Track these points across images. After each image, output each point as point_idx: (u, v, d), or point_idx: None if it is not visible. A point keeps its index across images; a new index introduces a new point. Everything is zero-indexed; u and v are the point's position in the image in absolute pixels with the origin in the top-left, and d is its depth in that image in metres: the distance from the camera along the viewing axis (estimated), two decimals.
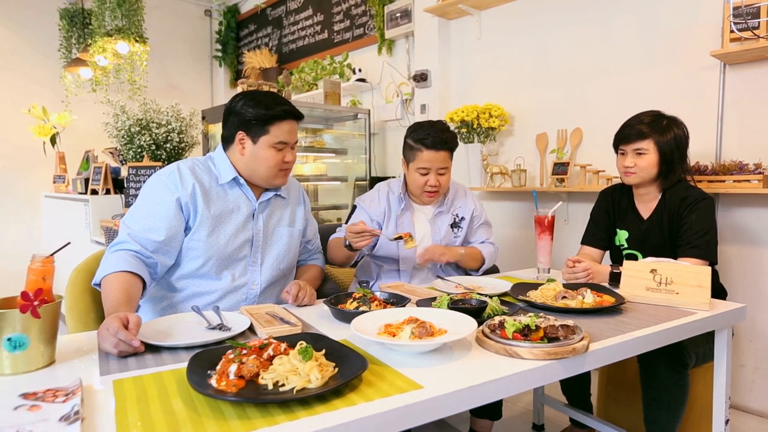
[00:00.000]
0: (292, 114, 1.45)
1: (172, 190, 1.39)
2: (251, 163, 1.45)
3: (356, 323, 1.07)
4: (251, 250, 1.50)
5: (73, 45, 4.19)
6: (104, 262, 1.31)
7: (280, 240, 1.55)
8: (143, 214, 1.38)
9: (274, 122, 1.41)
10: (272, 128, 1.42)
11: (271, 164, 1.44)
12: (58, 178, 4.03)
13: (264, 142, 1.43)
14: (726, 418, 1.43)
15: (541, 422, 2.07)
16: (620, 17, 2.56)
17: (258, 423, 0.74)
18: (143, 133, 2.55)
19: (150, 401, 0.81)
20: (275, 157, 1.44)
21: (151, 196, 1.40)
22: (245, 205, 1.49)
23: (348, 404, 0.79)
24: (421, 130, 1.79)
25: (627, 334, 1.15)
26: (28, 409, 0.77)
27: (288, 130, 1.44)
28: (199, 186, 1.42)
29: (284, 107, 1.43)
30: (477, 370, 0.94)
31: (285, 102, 1.45)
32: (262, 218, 1.52)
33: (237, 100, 1.45)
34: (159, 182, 1.41)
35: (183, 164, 1.45)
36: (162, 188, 1.40)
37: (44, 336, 0.95)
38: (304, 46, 4.76)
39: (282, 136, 1.43)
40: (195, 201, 1.41)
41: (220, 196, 1.46)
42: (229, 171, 1.47)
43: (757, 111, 2.14)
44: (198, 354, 0.94)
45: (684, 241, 1.64)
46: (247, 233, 1.48)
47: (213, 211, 1.43)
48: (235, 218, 1.46)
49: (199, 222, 1.40)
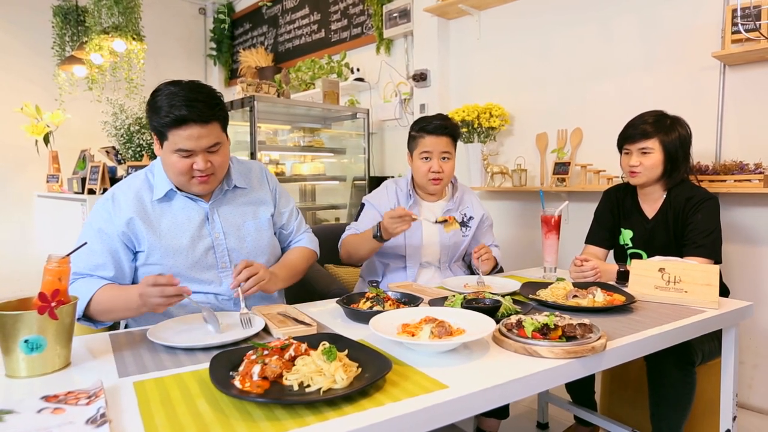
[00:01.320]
0: (188, 119, 1.23)
1: (107, 221, 1.31)
2: (165, 167, 1.33)
3: (374, 323, 1.07)
4: (216, 256, 1.39)
5: (66, 42, 4.13)
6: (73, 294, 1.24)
7: (247, 237, 1.44)
8: (85, 252, 1.24)
9: (170, 129, 1.25)
10: (170, 134, 1.25)
11: (177, 171, 1.30)
12: (52, 178, 3.98)
13: (167, 147, 1.28)
14: (733, 415, 1.45)
15: (545, 420, 2.08)
16: (620, 17, 2.59)
17: (288, 424, 0.73)
18: (143, 132, 2.52)
19: (174, 403, 0.80)
20: (180, 164, 1.28)
21: (89, 230, 1.32)
22: (195, 212, 1.38)
23: (376, 404, 0.79)
24: (422, 120, 1.87)
25: (642, 333, 1.16)
26: (52, 411, 0.76)
27: (188, 135, 1.24)
28: (137, 212, 1.32)
29: (179, 113, 1.22)
30: (499, 369, 0.94)
31: (188, 103, 1.23)
32: (219, 220, 1.40)
33: (153, 93, 1.29)
34: (95, 215, 1.33)
35: (119, 190, 1.36)
36: (99, 220, 1.32)
37: (61, 338, 0.94)
38: (300, 45, 4.74)
39: (181, 143, 1.25)
40: (135, 230, 1.32)
41: (165, 212, 1.35)
42: (163, 184, 1.36)
43: (757, 111, 2.17)
44: (218, 355, 0.93)
45: (690, 241, 1.66)
46: (204, 241, 1.37)
47: (161, 229, 1.34)
48: (187, 229, 1.35)
49: (149, 248, 1.32)
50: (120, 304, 1.22)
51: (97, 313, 1.25)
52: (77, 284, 1.27)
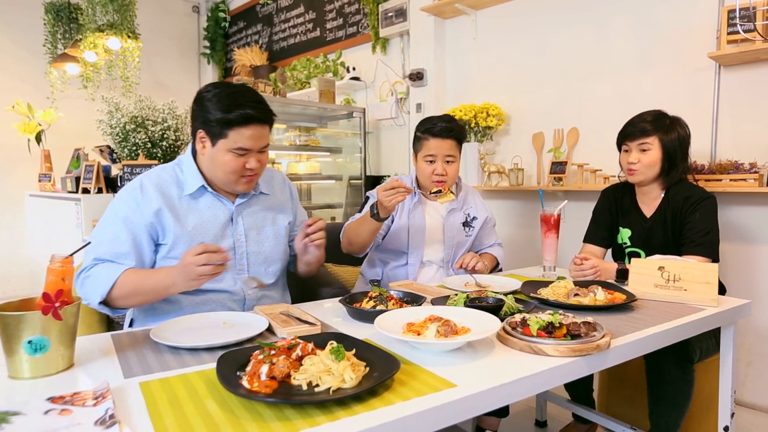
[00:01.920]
0: (254, 118, 1.29)
1: (134, 210, 1.30)
2: (210, 165, 1.34)
3: (379, 322, 1.07)
4: (235, 257, 1.40)
5: (58, 40, 4.08)
6: (96, 279, 1.23)
7: (265, 242, 1.46)
8: (108, 238, 1.27)
9: (233, 127, 1.27)
10: (231, 132, 1.28)
11: (229, 170, 1.32)
12: (44, 177, 3.93)
13: (222, 146, 1.30)
14: (732, 412, 1.47)
15: (543, 419, 2.09)
16: (616, 18, 2.60)
17: (299, 424, 0.73)
18: (138, 130, 2.50)
19: (183, 403, 0.80)
20: (233, 163, 1.31)
21: (114, 218, 1.31)
22: (221, 212, 1.39)
23: (386, 404, 0.79)
24: (428, 121, 1.85)
25: (644, 330, 1.16)
26: (59, 413, 0.75)
27: (250, 135, 1.29)
28: (165, 204, 1.32)
29: (246, 111, 1.27)
30: (505, 367, 0.95)
31: (252, 103, 1.29)
32: (243, 222, 1.42)
33: (205, 92, 1.32)
34: (121, 203, 1.32)
35: (147, 180, 1.35)
36: (125, 209, 1.31)
37: (65, 338, 0.93)
38: (295, 44, 4.72)
39: (242, 142, 1.29)
40: (163, 221, 1.31)
41: (192, 208, 1.36)
42: (194, 180, 1.36)
43: (751, 112, 2.20)
44: (225, 355, 0.92)
45: (688, 239, 1.67)
46: (227, 241, 1.38)
47: (189, 225, 1.33)
48: (212, 228, 1.36)
49: (173, 240, 1.32)
50: (147, 285, 1.22)
51: (118, 298, 1.23)
52: (99, 268, 1.25)
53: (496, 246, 1.99)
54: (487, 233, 1.99)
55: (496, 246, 2.00)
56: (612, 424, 1.80)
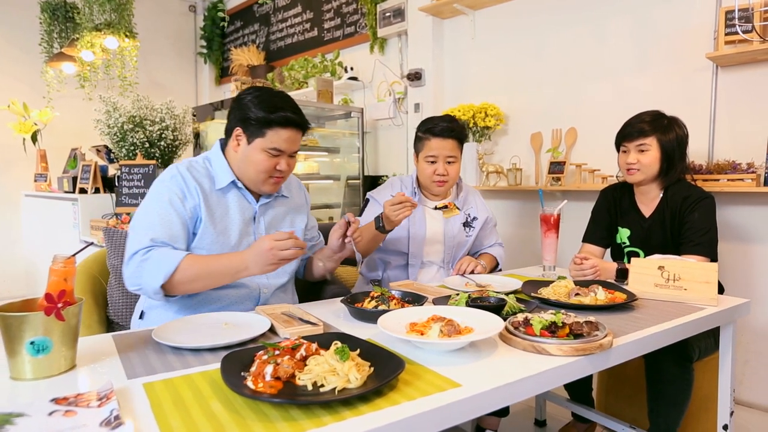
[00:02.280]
0: (293, 122, 1.36)
1: (180, 197, 1.33)
2: (242, 163, 1.38)
3: (382, 322, 1.07)
4: None
5: (54, 39, 4.06)
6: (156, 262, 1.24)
7: None
8: (159, 221, 1.30)
9: (273, 127, 1.34)
10: (269, 132, 1.34)
11: (261, 169, 1.36)
12: (40, 177, 3.91)
13: (258, 144, 1.35)
14: (731, 410, 1.47)
15: (543, 418, 2.10)
16: (614, 19, 2.61)
17: (305, 425, 0.73)
18: (137, 130, 2.49)
19: (188, 404, 0.79)
20: (266, 162, 1.36)
21: (160, 201, 1.33)
22: (247, 209, 1.43)
23: (392, 404, 0.79)
24: (429, 121, 1.85)
25: (646, 330, 1.17)
26: (63, 414, 0.74)
27: (287, 138, 1.35)
28: (202, 194, 1.36)
29: (288, 114, 1.35)
30: (508, 367, 0.95)
31: (292, 108, 1.37)
32: (264, 221, 1.46)
33: (246, 93, 1.39)
34: (165, 189, 1.34)
35: (183, 169, 1.38)
36: (170, 194, 1.33)
37: (67, 339, 0.92)
38: (293, 43, 4.72)
39: (278, 143, 1.35)
40: (199, 212, 1.35)
41: (220, 202, 1.39)
42: (225, 175, 1.40)
43: (748, 112, 2.21)
44: (229, 355, 0.92)
45: (687, 239, 1.68)
46: (249, 238, 1.42)
47: (217, 219, 1.37)
48: (237, 224, 1.40)
49: (202, 231, 1.34)
50: (215, 268, 1.25)
51: (181, 282, 1.24)
52: (157, 252, 1.25)
53: (497, 246, 2.00)
54: (488, 233, 1.99)
55: (496, 246, 2.00)
56: (611, 423, 1.80)
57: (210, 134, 3.92)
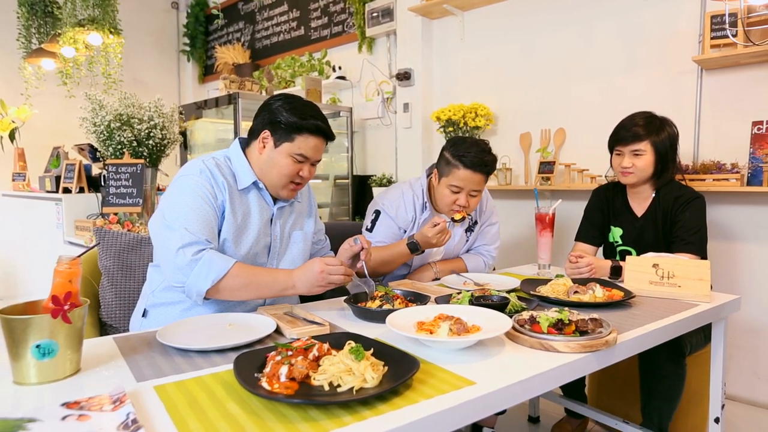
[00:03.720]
0: (322, 132, 1.39)
1: (211, 193, 1.33)
2: (265, 166, 1.40)
3: (391, 321, 1.07)
4: (269, 256, 1.46)
5: (33, 34, 3.94)
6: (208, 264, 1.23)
7: (295, 245, 1.51)
8: (198, 216, 1.28)
9: (302, 133, 1.36)
10: (298, 138, 1.36)
11: (284, 173, 1.38)
12: (18, 176, 3.80)
13: (285, 149, 1.37)
14: (722, 403, 1.52)
15: (536, 414, 2.13)
16: (602, 22, 2.66)
17: (326, 425, 0.72)
18: (124, 129, 2.44)
19: (203, 406, 0.78)
20: (290, 167, 1.38)
21: (195, 196, 1.31)
22: (265, 211, 1.44)
23: (410, 402, 0.79)
24: (462, 145, 1.70)
25: (647, 326, 1.20)
26: (77, 418, 0.73)
27: (313, 146, 1.39)
28: (228, 192, 1.36)
29: (318, 122, 1.38)
30: (518, 364, 0.96)
31: (322, 118, 1.40)
32: (279, 223, 1.47)
33: (276, 99, 1.41)
34: (195, 184, 1.33)
35: (211, 164, 1.37)
36: (202, 189, 1.32)
37: (73, 342, 0.90)
38: (279, 42, 4.68)
39: (305, 149, 1.37)
40: (224, 209, 1.35)
41: (242, 202, 1.40)
42: (248, 175, 1.40)
43: (731, 114, 2.28)
44: (241, 356, 0.91)
45: (678, 238, 1.72)
46: (265, 240, 1.44)
47: (238, 218, 1.37)
48: (256, 224, 1.41)
49: (225, 227, 1.35)
50: (262, 280, 1.28)
51: (227, 288, 1.25)
52: (211, 254, 1.25)
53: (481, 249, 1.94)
54: (481, 235, 1.95)
55: (481, 248, 1.94)
56: (603, 418, 1.84)
57: (196, 133, 3.86)
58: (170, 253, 1.26)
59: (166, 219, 1.30)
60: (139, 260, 1.73)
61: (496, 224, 1.98)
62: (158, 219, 1.33)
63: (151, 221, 1.38)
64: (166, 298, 1.38)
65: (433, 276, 1.81)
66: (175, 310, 1.35)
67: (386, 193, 1.88)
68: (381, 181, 3.45)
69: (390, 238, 1.79)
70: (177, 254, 1.25)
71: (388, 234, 1.79)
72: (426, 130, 3.38)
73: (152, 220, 1.37)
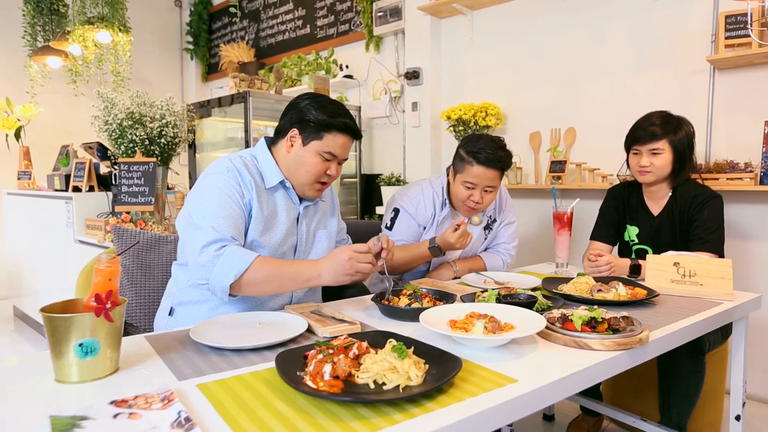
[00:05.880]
0: (351, 130, 1.39)
1: (238, 191, 1.33)
2: (293, 164, 1.40)
3: (425, 319, 1.08)
4: (294, 255, 1.46)
5: (38, 32, 3.92)
6: (231, 259, 1.22)
7: (319, 244, 1.52)
8: (224, 213, 1.28)
9: (331, 131, 1.36)
10: (327, 136, 1.36)
11: (312, 171, 1.38)
12: (24, 174, 3.78)
13: (313, 147, 1.37)
14: (743, 401, 1.53)
15: (551, 412, 2.13)
16: (612, 22, 2.67)
17: (378, 423, 0.72)
18: (136, 127, 2.43)
19: (250, 404, 0.78)
20: (318, 166, 1.38)
21: (221, 194, 1.30)
22: (292, 210, 1.44)
23: (456, 400, 0.80)
24: (476, 142, 1.71)
25: (675, 324, 1.20)
26: (128, 417, 0.73)
27: (342, 144, 1.39)
28: (255, 190, 1.36)
29: (347, 120, 1.38)
30: (555, 362, 0.97)
31: (349, 117, 1.40)
32: (305, 222, 1.48)
33: (303, 98, 1.41)
34: (222, 182, 1.32)
35: (238, 162, 1.37)
36: (228, 187, 1.32)
37: (113, 340, 0.90)
38: (284, 40, 4.67)
39: (333, 147, 1.38)
40: (251, 207, 1.35)
41: (270, 200, 1.40)
42: (275, 174, 1.40)
43: (743, 113, 2.29)
44: (281, 354, 0.91)
45: (696, 236, 1.73)
46: (292, 239, 1.44)
47: (265, 214, 1.37)
48: (283, 222, 1.41)
49: (252, 225, 1.35)
50: (286, 272, 1.25)
51: (250, 282, 1.23)
52: (232, 249, 1.23)
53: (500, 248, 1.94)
54: (500, 233, 1.96)
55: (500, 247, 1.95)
56: (620, 416, 1.84)
57: (201, 132, 3.85)
58: (195, 251, 1.26)
59: (192, 217, 1.30)
60: (158, 259, 1.73)
61: (514, 223, 1.98)
62: (185, 217, 1.33)
63: (178, 219, 1.37)
64: (192, 296, 1.38)
65: (453, 275, 1.81)
66: (202, 308, 1.35)
67: (405, 191, 1.88)
68: (389, 180, 3.45)
69: (409, 236, 1.80)
70: (201, 252, 1.24)
71: (407, 232, 1.79)
72: (435, 129, 3.38)
73: (179, 218, 1.37)
